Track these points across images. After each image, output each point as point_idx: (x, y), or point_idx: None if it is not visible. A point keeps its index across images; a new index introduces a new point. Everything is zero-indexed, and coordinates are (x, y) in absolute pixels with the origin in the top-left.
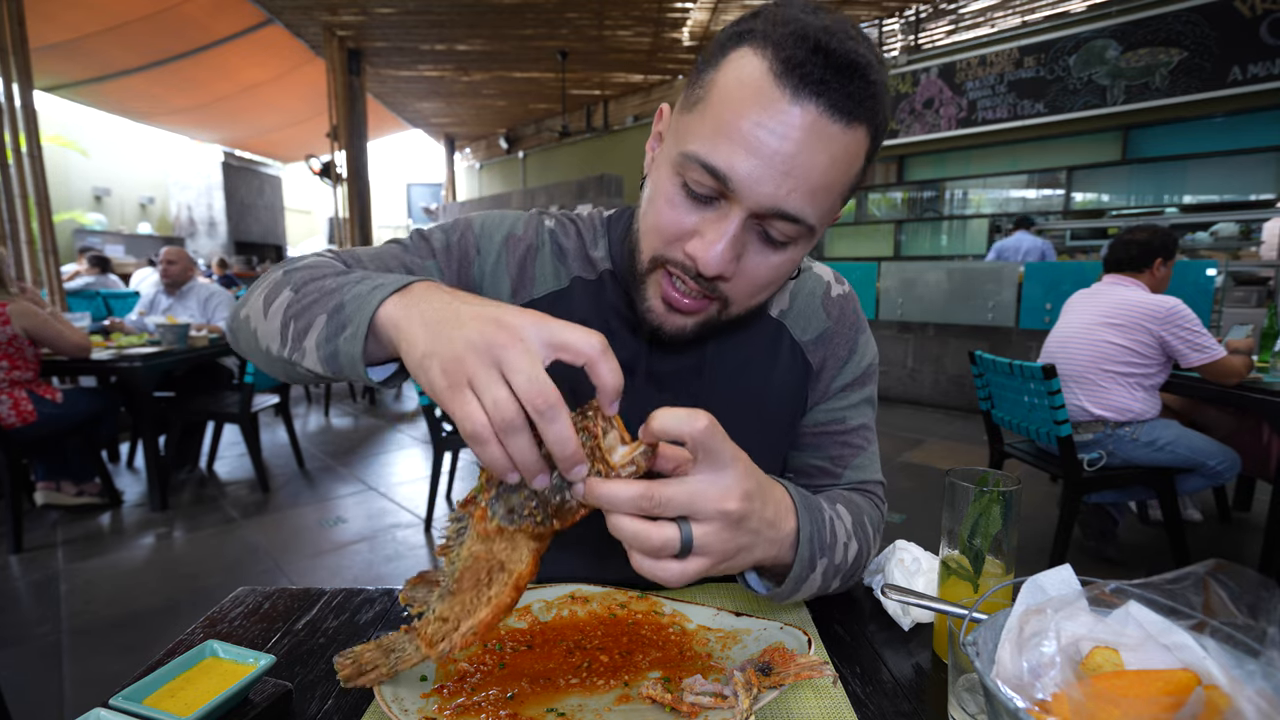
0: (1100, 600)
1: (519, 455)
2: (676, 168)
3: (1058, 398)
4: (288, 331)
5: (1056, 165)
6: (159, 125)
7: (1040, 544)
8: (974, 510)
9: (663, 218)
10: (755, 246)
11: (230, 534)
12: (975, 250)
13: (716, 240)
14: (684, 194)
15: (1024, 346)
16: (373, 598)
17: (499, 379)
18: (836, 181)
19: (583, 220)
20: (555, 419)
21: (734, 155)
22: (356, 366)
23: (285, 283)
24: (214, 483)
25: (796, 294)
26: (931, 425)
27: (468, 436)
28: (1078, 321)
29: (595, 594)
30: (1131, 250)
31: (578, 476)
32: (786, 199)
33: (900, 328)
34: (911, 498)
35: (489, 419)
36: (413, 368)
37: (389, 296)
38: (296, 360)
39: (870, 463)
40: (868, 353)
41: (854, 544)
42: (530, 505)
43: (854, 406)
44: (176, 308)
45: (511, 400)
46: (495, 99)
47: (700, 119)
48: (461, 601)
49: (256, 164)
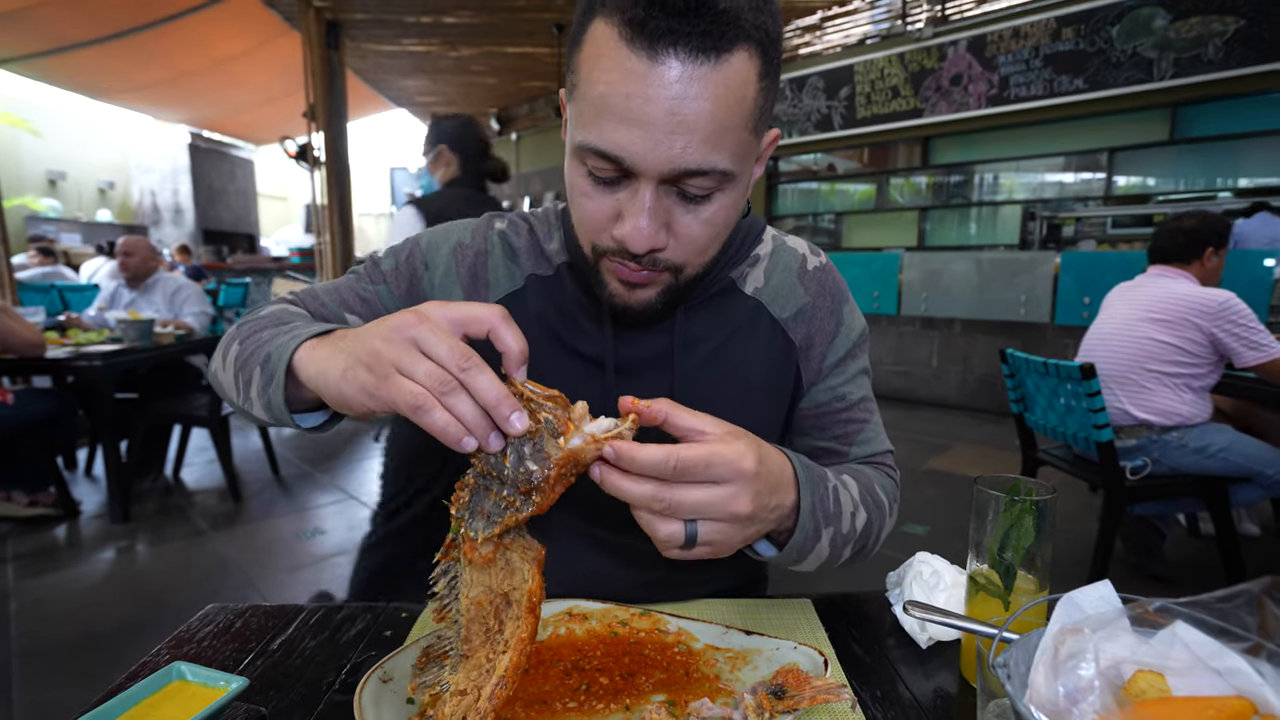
0: (1143, 619)
1: (466, 413)
2: (578, 158)
3: (1097, 400)
4: (239, 383)
5: (1097, 146)
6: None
7: (1078, 559)
8: (1004, 521)
9: (583, 211)
10: (680, 209)
11: (198, 547)
12: (1007, 239)
13: (636, 216)
14: (592, 182)
15: (1060, 344)
16: (353, 615)
17: (421, 356)
18: (731, 118)
19: (536, 216)
20: (480, 372)
21: (617, 134)
22: (284, 414)
23: (237, 336)
24: (180, 492)
25: (772, 271)
26: (958, 429)
27: (411, 410)
28: (1119, 317)
29: (594, 611)
30: (1179, 239)
31: (516, 425)
32: (683, 157)
33: (924, 324)
34: (936, 508)
35: (425, 388)
36: (338, 388)
37: (304, 342)
38: (248, 409)
39: (876, 434)
40: (855, 324)
41: (861, 513)
42: (502, 494)
43: (851, 380)
44: (140, 302)
45: (438, 368)
46: (485, 76)
47: (580, 104)
48: (477, 663)
49: (226, 146)
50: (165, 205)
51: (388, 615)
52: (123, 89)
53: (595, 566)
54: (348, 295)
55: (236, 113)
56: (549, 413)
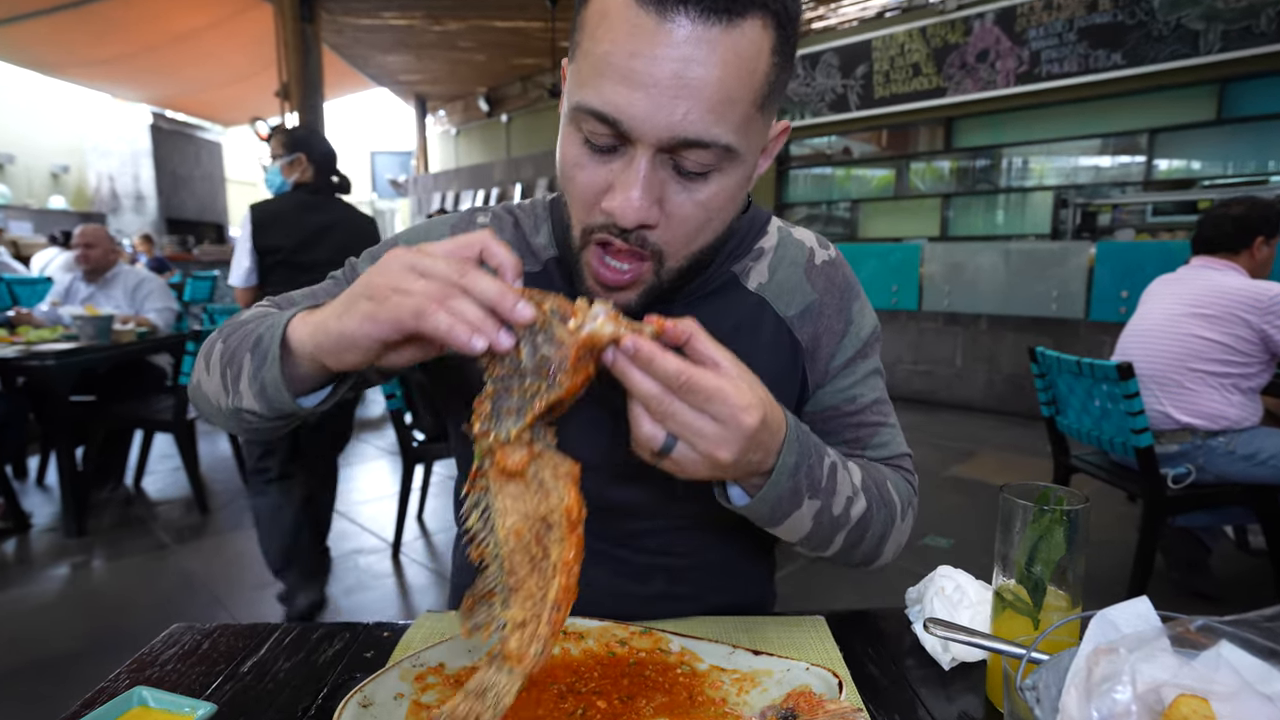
0: (1185, 639)
1: (470, 314)
2: (574, 123)
3: (1136, 402)
4: (226, 380)
5: (1137, 127)
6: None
7: (1114, 576)
8: (1033, 533)
9: (575, 182)
10: (675, 184)
11: (161, 562)
12: (1037, 228)
13: (628, 187)
14: (588, 150)
15: (1095, 341)
16: (331, 634)
17: (418, 276)
18: (739, 89)
19: (523, 210)
20: (478, 275)
21: (617, 94)
22: (281, 393)
23: (218, 339)
24: (142, 502)
25: (776, 266)
26: (984, 434)
27: (415, 317)
28: (1160, 312)
29: (591, 629)
30: (1226, 227)
31: (523, 313)
32: (684, 125)
33: (947, 320)
34: (959, 518)
35: (427, 296)
36: (338, 329)
37: (295, 315)
38: (238, 406)
39: (892, 438)
40: (865, 322)
41: (861, 501)
42: (524, 385)
43: (862, 381)
44: (98, 296)
45: (436, 281)
46: (473, 52)
47: (581, 65)
48: (528, 593)
49: (192, 127)
50: (125, 191)
51: (368, 634)
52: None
53: (588, 579)
54: (324, 300)
55: (203, 91)
56: (553, 301)
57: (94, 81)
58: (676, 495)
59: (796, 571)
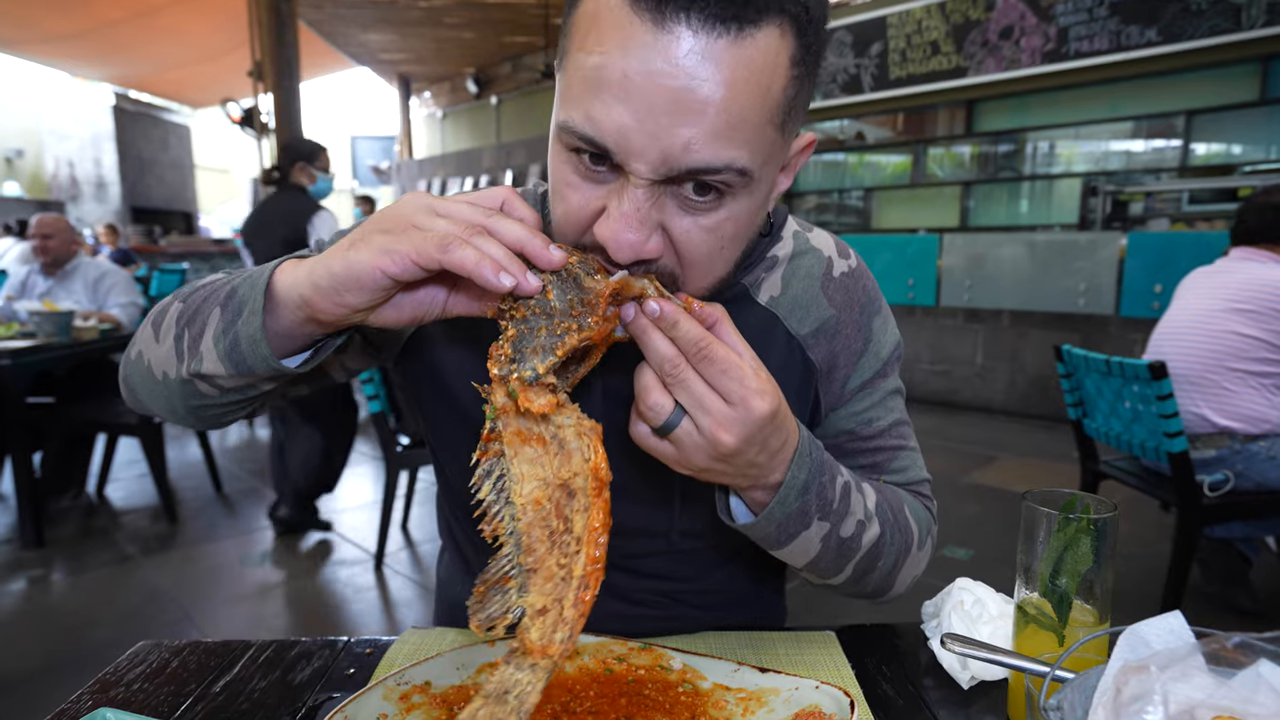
0: (1220, 657)
1: (496, 252)
2: (560, 140)
3: (1170, 403)
4: (182, 344)
5: (1172, 109)
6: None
7: (1146, 589)
8: (1058, 542)
9: (566, 203)
10: (679, 212)
11: (126, 575)
12: (1064, 218)
13: (621, 221)
14: (575, 169)
15: (1125, 340)
16: (309, 651)
17: (438, 216)
18: (752, 109)
19: None
20: (503, 219)
21: (607, 117)
22: (259, 347)
23: (174, 300)
24: (105, 511)
25: (790, 278)
26: (1006, 438)
27: (442, 249)
28: (1197, 307)
29: (587, 645)
30: (1268, 216)
31: (553, 255)
32: (686, 155)
33: (967, 316)
34: (980, 528)
35: (451, 232)
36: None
37: (282, 264)
38: (195, 369)
39: (911, 463)
40: (887, 339)
41: (874, 526)
42: (553, 324)
43: (880, 403)
44: (57, 291)
45: (459, 220)
46: (461, 30)
47: (570, 75)
48: (548, 574)
49: (158, 109)
50: (85, 178)
51: (349, 651)
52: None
53: None
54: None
55: (170, 70)
56: (579, 255)
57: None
58: (676, 514)
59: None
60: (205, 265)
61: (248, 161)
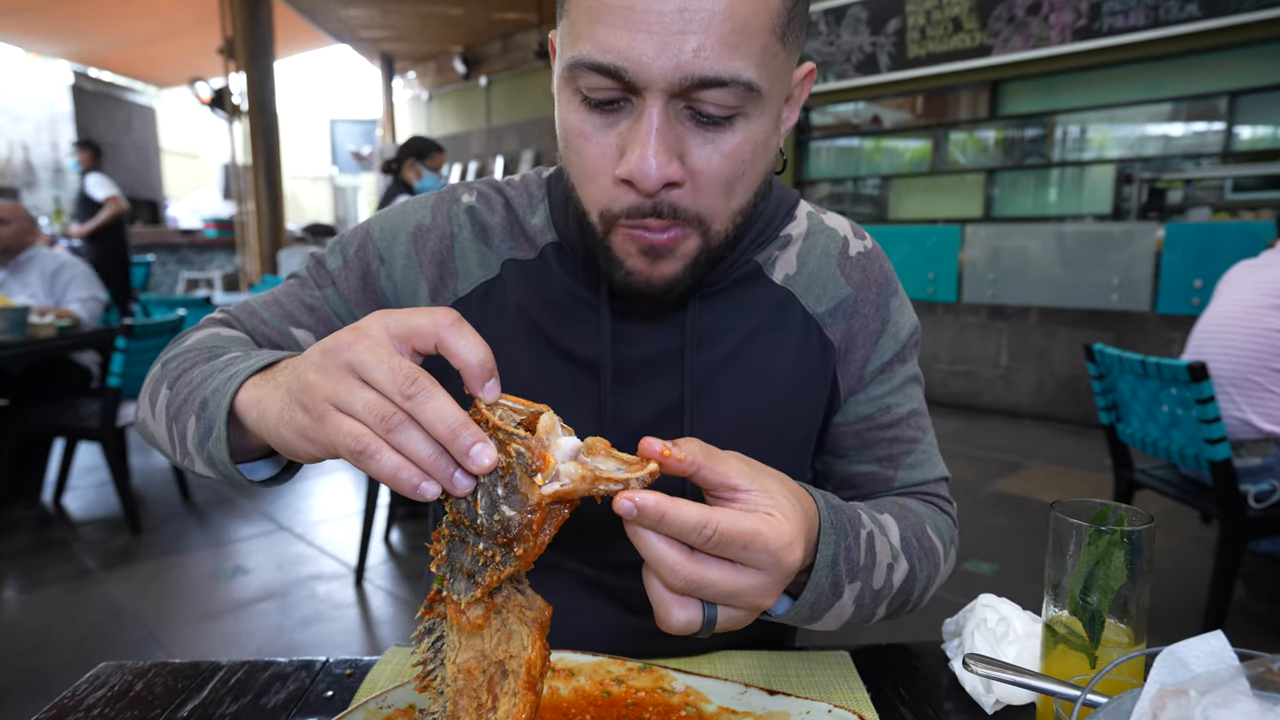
0: (1266, 681)
1: (419, 452)
2: (570, 84)
3: (1211, 407)
4: (173, 435)
5: (1214, 90)
6: None
7: (1186, 607)
8: (1089, 556)
9: (584, 155)
10: (696, 137)
11: (86, 591)
12: (1096, 207)
13: (642, 143)
14: (591, 113)
15: (1162, 338)
16: (284, 673)
17: (359, 383)
18: (755, 16)
19: (513, 187)
20: (428, 397)
21: (616, 39)
22: (230, 470)
23: (164, 378)
24: (63, 522)
25: (806, 255)
26: (1033, 444)
27: (356, 457)
28: (1239, 303)
29: (583, 665)
30: None
31: (479, 459)
32: (697, 62)
33: (991, 313)
34: (1005, 540)
35: (367, 426)
36: (277, 434)
37: (245, 381)
38: (189, 466)
39: (928, 457)
40: (905, 321)
41: (902, 564)
42: (479, 548)
43: (899, 390)
44: (11, 284)
45: (380, 398)
46: (447, 6)
47: (574, 15)
48: None
49: (121, 89)
50: (41, 163)
51: (327, 672)
52: None
53: (577, 606)
54: (290, 306)
55: (134, 47)
56: (520, 444)
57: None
58: None
59: None
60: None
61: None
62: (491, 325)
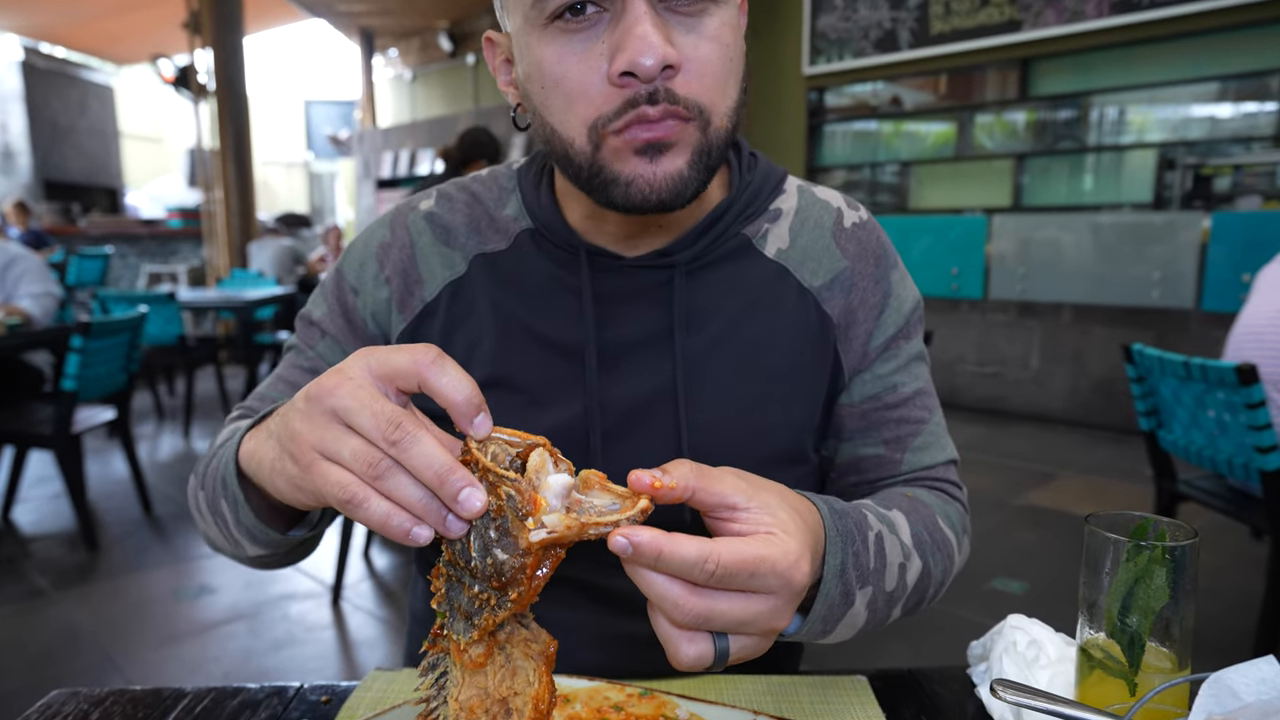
0: None
1: (408, 498)
2: (537, 21)
3: (1261, 413)
4: (223, 530)
5: (1264, 67)
6: None
7: (1235, 629)
8: (1128, 574)
9: (566, 80)
10: (679, 26)
11: (37, 613)
12: (1136, 196)
13: (636, 27)
14: (567, 35)
15: (1208, 338)
16: (255, 700)
17: (345, 430)
18: None
19: (481, 182)
20: (414, 441)
21: None
22: (268, 534)
23: (198, 483)
24: (12, 538)
25: (799, 229)
26: (1066, 452)
27: (344, 506)
28: (1278, 301)
29: (579, 690)
30: None
31: (469, 505)
32: None
33: (1021, 310)
34: (1037, 557)
35: (354, 474)
36: (273, 485)
37: (244, 437)
38: (248, 555)
39: (936, 439)
40: (907, 294)
41: (915, 562)
42: (474, 592)
43: (904, 368)
44: None
45: (365, 444)
46: None
47: None
48: None
49: (76, 67)
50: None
51: (301, 700)
52: None
53: (574, 625)
54: (294, 377)
55: (90, 21)
56: (511, 486)
57: None
58: (686, 522)
59: None
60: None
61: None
62: (465, 323)
